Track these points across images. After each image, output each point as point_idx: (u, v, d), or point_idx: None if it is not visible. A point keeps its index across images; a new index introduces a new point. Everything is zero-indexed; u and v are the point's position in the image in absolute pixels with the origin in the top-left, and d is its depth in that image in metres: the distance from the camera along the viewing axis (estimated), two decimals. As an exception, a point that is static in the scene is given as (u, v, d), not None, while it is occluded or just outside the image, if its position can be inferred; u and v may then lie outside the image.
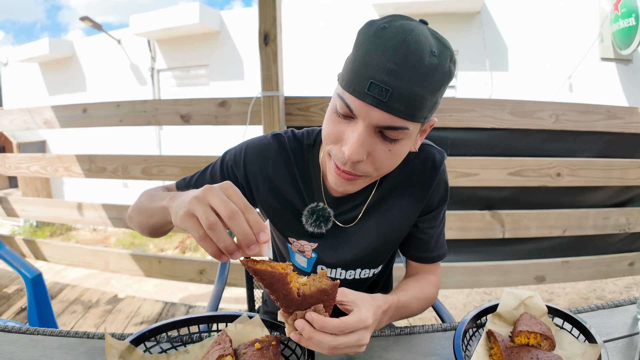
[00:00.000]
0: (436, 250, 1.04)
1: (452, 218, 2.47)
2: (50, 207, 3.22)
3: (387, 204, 0.97)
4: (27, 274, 1.60)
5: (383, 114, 0.68)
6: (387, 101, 0.66)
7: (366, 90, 0.67)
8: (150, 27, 6.99)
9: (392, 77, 0.65)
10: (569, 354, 0.76)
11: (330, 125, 0.76)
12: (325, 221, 0.95)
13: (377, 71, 0.66)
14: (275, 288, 0.60)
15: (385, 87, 0.65)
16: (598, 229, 2.60)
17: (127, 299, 3.25)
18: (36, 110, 2.87)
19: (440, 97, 0.73)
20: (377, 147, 0.73)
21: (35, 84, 8.85)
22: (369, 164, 0.75)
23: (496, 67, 5.76)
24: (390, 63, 0.65)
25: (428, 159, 0.96)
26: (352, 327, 0.64)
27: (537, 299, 0.84)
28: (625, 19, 4.95)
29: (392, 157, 0.75)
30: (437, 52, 0.68)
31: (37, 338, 0.82)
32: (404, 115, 0.68)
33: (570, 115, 2.39)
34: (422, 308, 0.96)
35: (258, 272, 0.59)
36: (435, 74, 0.67)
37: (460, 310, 3.17)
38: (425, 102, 0.68)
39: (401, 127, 0.69)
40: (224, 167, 0.99)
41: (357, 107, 0.69)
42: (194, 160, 2.54)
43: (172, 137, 7.54)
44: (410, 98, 0.66)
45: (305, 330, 0.62)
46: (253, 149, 0.97)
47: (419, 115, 0.70)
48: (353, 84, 0.69)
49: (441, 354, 0.79)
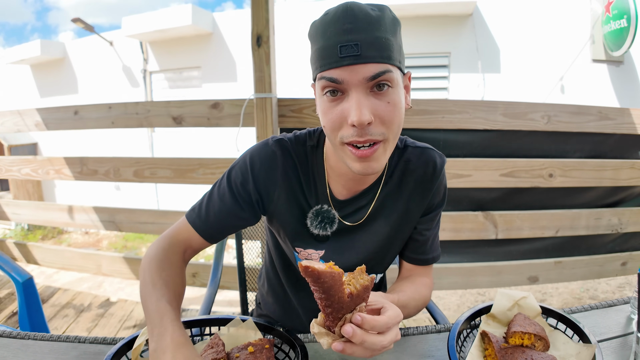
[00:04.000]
0: (431, 253, 1.05)
1: (445, 219, 2.47)
2: (41, 210, 3.19)
3: (391, 206, 0.98)
4: (18, 278, 1.57)
5: (363, 66, 0.72)
6: (360, 53, 0.71)
7: (339, 55, 0.72)
8: (143, 28, 6.94)
9: (354, 33, 0.71)
10: (563, 354, 0.76)
11: (328, 114, 0.78)
12: (330, 223, 0.95)
13: (339, 36, 0.72)
14: (333, 291, 0.57)
15: (352, 43, 0.71)
16: (590, 229, 2.61)
17: (120, 302, 3.22)
18: (27, 112, 2.84)
19: (401, 43, 0.79)
20: (377, 105, 0.75)
21: (26, 86, 8.77)
22: (379, 124, 0.76)
23: (488, 69, 5.78)
24: (346, 24, 0.72)
25: (430, 162, 0.98)
26: (394, 322, 0.65)
27: (531, 299, 0.84)
28: (616, 20, 4.98)
29: (394, 108, 0.77)
30: (377, 8, 0.75)
31: (27, 343, 0.82)
32: (381, 58, 0.72)
33: (562, 116, 2.40)
34: (418, 309, 0.97)
35: (321, 275, 0.55)
36: (385, 19, 0.74)
37: (454, 311, 3.18)
38: (390, 43, 0.74)
39: (385, 71, 0.73)
40: (232, 186, 0.95)
41: (340, 74, 0.73)
42: (186, 162, 2.53)
43: (164, 140, 7.50)
44: (377, 42, 0.72)
45: (356, 335, 0.59)
46: (259, 160, 0.94)
47: (393, 57, 0.74)
48: (326, 60, 0.74)
49: (435, 355, 0.79)
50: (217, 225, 0.97)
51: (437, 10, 5.67)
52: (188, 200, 4.94)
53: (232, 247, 1.59)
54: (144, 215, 2.81)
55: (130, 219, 2.84)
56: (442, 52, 5.92)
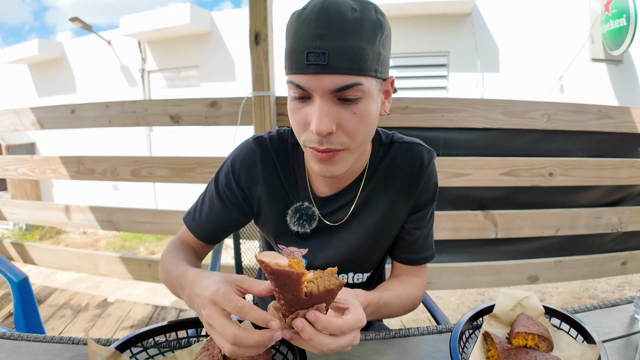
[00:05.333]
0: (423, 252, 1.02)
1: (444, 218, 2.46)
2: (38, 209, 3.17)
3: (375, 204, 0.96)
4: (13, 278, 1.55)
5: (330, 77, 0.68)
6: (327, 63, 0.67)
7: (305, 62, 0.68)
8: (141, 28, 6.91)
9: (324, 40, 0.67)
10: (567, 355, 0.74)
11: (294, 116, 0.77)
12: (308, 220, 0.95)
13: (308, 41, 0.68)
14: (288, 288, 0.57)
15: (320, 51, 0.67)
16: (590, 228, 2.60)
17: (117, 302, 3.20)
18: (23, 111, 2.82)
19: (382, 49, 0.73)
20: (341, 115, 0.73)
21: (24, 86, 8.74)
22: (342, 134, 0.74)
23: (487, 68, 5.77)
24: (317, 29, 0.67)
25: (416, 158, 0.95)
26: (352, 327, 0.62)
27: (534, 299, 0.83)
28: (616, 19, 4.97)
29: (360, 120, 0.74)
30: (359, 7, 0.69)
31: (21, 344, 0.80)
32: (350, 70, 0.68)
33: (562, 115, 2.39)
34: (406, 309, 0.95)
35: (275, 272, 0.55)
36: (364, 25, 0.69)
37: (453, 311, 3.17)
38: (364, 52, 0.69)
39: (354, 84, 0.69)
40: (219, 188, 0.98)
41: (305, 81, 0.70)
42: (184, 161, 2.51)
43: (162, 139, 7.47)
44: (348, 52, 0.67)
45: (305, 331, 0.58)
46: (239, 159, 0.96)
47: (366, 68, 0.70)
48: (294, 64, 0.71)
49: (437, 357, 0.77)
50: (211, 228, 0.99)
51: (436, 9, 5.65)
52: (186, 200, 4.92)
53: (231, 246, 1.57)
54: (142, 215, 2.79)
55: (128, 219, 2.82)
56: (441, 51, 5.90)
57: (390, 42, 0.77)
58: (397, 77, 6.04)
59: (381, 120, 2.31)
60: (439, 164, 2.34)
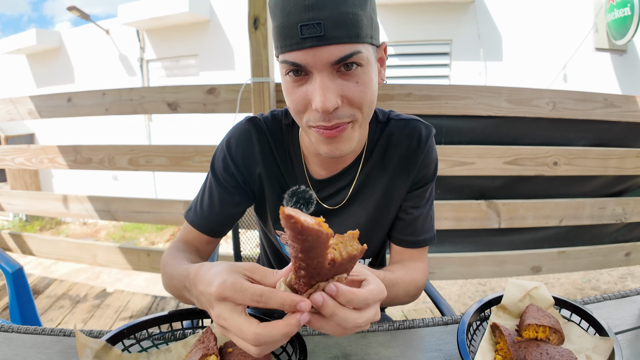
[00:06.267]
0: (422, 234, 0.96)
1: (447, 208, 2.43)
2: (36, 200, 3.14)
3: (374, 184, 0.93)
4: (8, 269, 1.53)
5: (328, 48, 0.65)
6: (324, 34, 0.64)
7: (300, 36, 0.64)
8: (139, 16, 6.84)
9: (317, 10, 0.63)
10: (579, 348, 0.71)
11: (292, 96, 0.73)
12: (305, 204, 0.92)
13: (300, 14, 0.64)
14: (313, 254, 0.47)
15: (314, 22, 0.63)
16: (594, 218, 2.57)
17: (116, 293, 3.19)
18: (20, 100, 2.78)
19: (373, 14, 0.71)
20: (344, 87, 0.69)
21: (22, 76, 8.69)
22: (347, 106, 0.71)
23: (490, 57, 5.72)
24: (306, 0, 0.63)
25: (414, 134, 0.92)
26: (376, 298, 0.53)
27: (543, 289, 0.80)
28: (620, 9, 4.94)
29: (364, 88, 0.71)
30: None
31: (11, 336, 0.78)
32: (348, 38, 0.65)
33: (568, 103, 2.35)
34: (410, 294, 0.89)
35: (305, 231, 0.44)
36: None
37: (455, 301, 3.15)
38: (359, 18, 0.66)
39: (353, 52, 0.66)
40: (218, 174, 0.93)
41: (302, 57, 0.66)
42: (181, 149, 2.48)
43: (161, 128, 7.44)
44: (343, 20, 0.64)
45: (327, 306, 0.49)
46: (234, 141, 0.92)
47: (362, 34, 0.67)
48: (287, 40, 0.66)
49: (443, 349, 0.74)
50: (215, 218, 0.94)
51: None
52: (185, 189, 4.89)
53: (230, 236, 1.54)
54: (140, 205, 2.76)
55: (126, 208, 2.79)
56: (444, 39, 5.85)
57: (376, 9, 0.74)
58: (399, 66, 6.00)
59: (383, 106, 2.27)
60: (441, 152, 2.31)
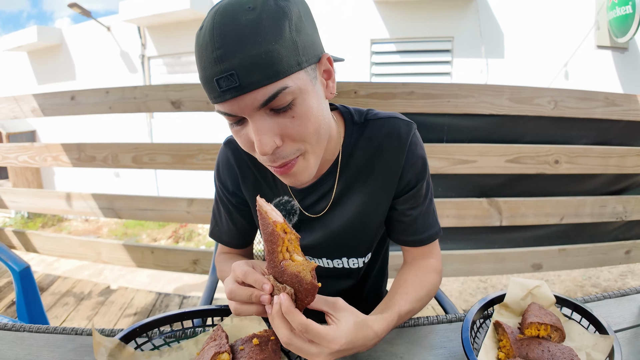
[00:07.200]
0: (426, 231, 0.95)
1: (448, 205, 2.44)
2: (38, 197, 3.16)
3: (357, 188, 0.92)
4: (15, 267, 1.55)
5: (249, 95, 0.62)
6: (240, 83, 0.61)
7: (219, 89, 0.62)
8: (140, 13, 6.82)
9: (226, 61, 0.60)
10: (579, 346, 0.73)
11: (238, 139, 0.73)
12: (288, 214, 0.95)
13: (212, 67, 0.62)
14: (268, 242, 0.60)
15: (227, 74, 0.61)
16: (595, 216, 2.59)
17: (120, 290, 3.21)
18: (23, 98, 2.79)
19: (298, 36, 0.65)
20: (281, 125, 0.67)
21: (23, 73, 8.68)
22: (290, 142, 0.69)
23: (492, 54, 5.70)
24: (215, 52, 0.61)
25: (393, 133, 0.89)
26: (314, 336, 0.60)
27: (545, 288, 0.81)
28: (622, 6, 4.92)
29: (302, 120, 0.68)
30: (252, 3, 0.62)
31: (23, 335, 0.79)
32: (267, 80, 0.62)
33: (569, 102, 2.36)
34: (426, 302, 0.90)
35: (262, 216, 0.60)
36: (263, 24, 0.61)
37: (455, 297, 3.17)
38: (275, 54, 0.61)
39: (278, 91, 0.63)
40: (223, 198, 1.01)
41: (229, 108, 0.65)
42: (185, 147, 2.49)
43: (163, 126, 7.44)
44: (257, 63, 0.60)
45: (273, 309, 0.60)
46: (219, 168, 0.99)
47: (283, 69, 0.62)
48: (210, 94, 0.65)
49: (447, 347, 0.76)
50: (237, 233, 1.04)
51: (441, -6, 5.59)
52: (187, 186, 4.91)
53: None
54: (143, 202, 2.78)
55: (130, 206, 2.81)
56: (445, 36, 5.83)
57: (309, 20, 0.69)
58: (400, 63, 5.98)
59: (383, 106, 2.28)
60: (443, 150, 2.32)
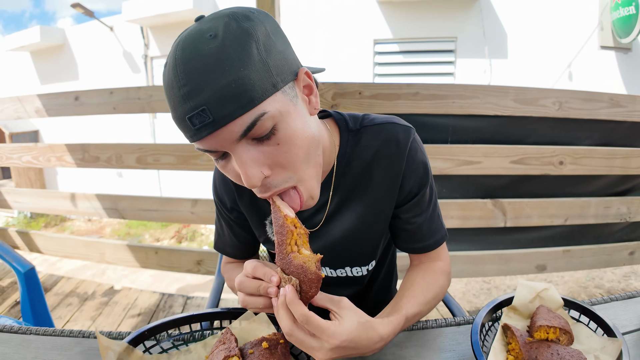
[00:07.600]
0: (432, 237, 0.92)
1: (453, 206, 2.44)
2: (42, 197, 3.16)
3: (354, 199, 0.88)
4: (20, 268, 1.54)
5: (225, 128, 0.58)
6: (214, 118, 0.57)
7: (193, 127, 0.58)
8: (143, 13, 6.83)
9: (194, 97, 0.56)
10: (587, 349, 0.73)
11: (227, 174, 0.69)
12: None
13: (181, 106, 0.58)
14: (279, 234, 0.63)
15: (198, 111, 0.57)
16: (599, 217, 2.58)
17: (124, 290, 3.21)
18: (27, 98, 2.80)
19: (268, 56, 0.60)
20: (266, 153, 0.63)
21: (26, 73, 8.70)
22: (280, 170, 0.65)
23: (495, 55, 5.70)
24: (182, 89, 0.57)
25: (391, 139, 0.84)
26: (314, 328, 0.60)
27: (553, 291, 0.81)
28: (625, 7, 4.92)
29: (288, 146, 0.63)
30: (214, 30, 0.58)
31: (29, 338, 0.79)
32: (242, 109, 0.57)
33: (574, 102, 2.35)
34: (434, 305, 0.88)
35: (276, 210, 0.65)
36: (227, 49, 0.57)
37: (459, 298, 3.16)
38: (245, 80, 0.57)
39: (255, 119, 0.58)
40: (222, 213, 1.01)
41: (207, 145, 0.61)
42: (189, 148, 2.49)
43: (166, 126, 7.45)
44: (227, 93, 0.56)
45: (279, 300, 0.62)
46: (216, 184, 0.98)
47: (258, 95, 0.58)
48: (186, 133, 0.62)
49: (457, 349, 0.76)
50: (240, 246, 1.04)
51: (444, -6, 5.58)
52: (191, 187, 4.89)
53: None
54: (147, 203, 2.78)
55: (133, 206, 2.81)
56: (448, 36, 5.83)
57: (278, 37, 0.65)
58: (404, 63, 5.97)
59: (387, 107, 2.27)
60: (448, 151, 2.31)
